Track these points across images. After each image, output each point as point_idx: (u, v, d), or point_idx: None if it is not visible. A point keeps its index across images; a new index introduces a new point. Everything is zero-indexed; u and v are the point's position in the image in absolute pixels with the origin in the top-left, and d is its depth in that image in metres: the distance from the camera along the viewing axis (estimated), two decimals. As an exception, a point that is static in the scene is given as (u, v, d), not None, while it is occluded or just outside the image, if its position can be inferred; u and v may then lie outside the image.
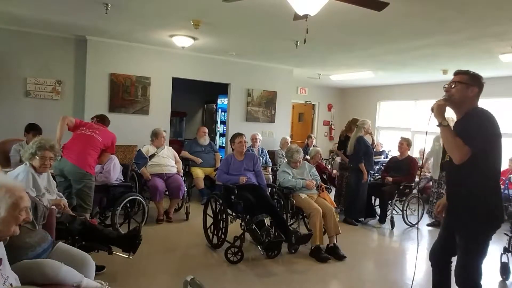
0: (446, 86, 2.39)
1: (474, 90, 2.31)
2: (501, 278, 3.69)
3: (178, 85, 7.14)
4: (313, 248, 4.06)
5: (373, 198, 5.85)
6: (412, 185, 5.67)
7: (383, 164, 6.82)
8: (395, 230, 5.39)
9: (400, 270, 4.13)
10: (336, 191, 6.21)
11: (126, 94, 6.42)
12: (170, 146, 5.80)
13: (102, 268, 3.22)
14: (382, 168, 6.56)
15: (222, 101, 8.91)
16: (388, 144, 9.33)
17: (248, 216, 3.85)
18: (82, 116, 5.98)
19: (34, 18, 5.19)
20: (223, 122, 8.62)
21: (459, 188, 2.34)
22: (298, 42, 5.46)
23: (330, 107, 11.32)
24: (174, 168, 5.35)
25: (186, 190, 5.24)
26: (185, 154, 6.19)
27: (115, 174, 4.49)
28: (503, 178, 5.74)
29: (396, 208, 5.64)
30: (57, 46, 6.07)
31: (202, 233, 4.34)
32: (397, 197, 5.51)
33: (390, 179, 5.60)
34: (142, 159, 5.25)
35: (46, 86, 6.03)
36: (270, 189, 4.56)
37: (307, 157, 6.03)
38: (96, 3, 4.24)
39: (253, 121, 7.75)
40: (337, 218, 4.28)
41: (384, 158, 8.14)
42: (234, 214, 4.06)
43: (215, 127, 9.42)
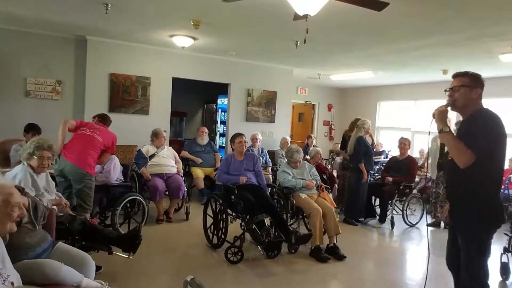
0: (449, 91, 2.35)
1: (478, 92, 2.29)
2: (501, 278, 3.69)
3: (178, 85, 7.14)
4: (313, 248, 4.06)
5: (373, 198, 5.85)
6: (412, 185, 5.68)
7: (383, 164, 6.82)
8: (395, 230, 5.39)
9: (400, 270, 4.13)
10: (338, 191, 6.18)
11: (126, 94, 6.42)
12: (170, 146, 5.80)
13: (99, 268, 3.21)
14: (382, 168, 6.56)
15: (222, 101, 8.91)
16: (388, 144, 9.33)
17: (248, 216, 3.85)
18: (82, 116, 5.99)
19: (34, 18, 5.19)
20: (223, 122, 8.62)
21: (458, 188, 2.33)
22: (298, 42, 5.45)
23: (330, 107, 11.32)
24: (174, 168, 5.35)
25: (186, 190, 5.24)
26: (185, 154, 6.19)
27: (115, 174, 4.48)
28: (504, 178, 5.74)
29: (396, 208, 5.64)
30: (57, 46, 6.07)
31: (202, 233, 4.34)
32: (397, 197, 5.51)
33: (390, 179, 5.60)
34: (142, 159, 5.25)
35: (46, 86, 6.03)
36: (270, 189, 4.56)
37: (307, 157, 6.03)
38: (96, 3, 4.24)
39: (253, 121, 7.75)
40: (337, 218, 4.28)
41: (384, 158, 8.14)
42: (234, 214, 4.06)
43: (215, 127, 9.42)
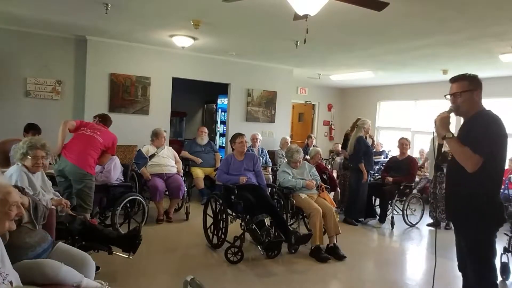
0: (450, 98, 2.34)
1: (479, 94, 2.29)
2: (501, 278, 3.69)
3: (178, 85, 7.14)
4: (313, 248, 4.06)
5: (373, 198, 5.85)
6: (412, 185, 5.68)
7: (383, 164, 6.82)
8: (395, 230, 5.40)
9: (400, 270, 4.13)
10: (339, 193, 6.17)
11: (126, 94, 6.42)
12: (170, 146, 5.81)
13: (97, 268, 3.20)
14: (382, 168, 6.56)
15: (222, 101, 8.91)
16: (388, 144, 9.33)
17: (248, 216, 3.85)
18: (82, 116, 5.99)
19: (34, 18, 5.19)
20: (223, 122, 8.62)
21: (459, 188, 2.33)
22: (298, 42, 5.45)
23: (330, 107, 11.32)
24: (174, 168, 5.35)
25: (186, 190, 5.24)
26: (185, 154, 6.19)
27: (116, 174, 4.49)
28: (504, 178, 5.74)
29: (396, 208, 5.64)
30: (57, 46, 6.07)
31: (202, 233, 4.34)
32: (397, 197, 5.51)
33: (390, 179, 5.60)
34: (142, 159, 5.25)
35: (46, 86, 6.03)
36: (270, 189, 4.56)
37: (307, 157, 6.03)
38: (96, 3, 4.24)
39: (253, 121, 7.75)
40: (337, 218, 4.28)
41: (384, 158, 8.14)
42: (234, 214, 4.06)
43: (215, 127, 9.42)
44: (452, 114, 2.37)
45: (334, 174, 7.06)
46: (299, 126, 11.33)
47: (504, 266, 3.71)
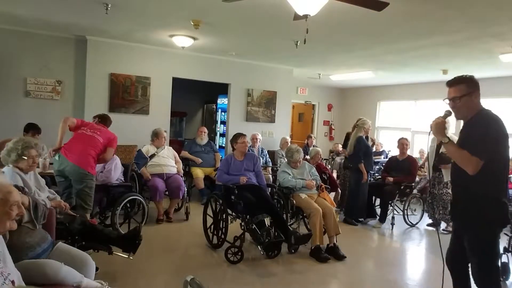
0: (450, 102, 2.32)
1: (477, 95, 2.28)
2: (501, 278, 3.68)
3: (178, 85, 7.14)
4: (313, 248, 4.06)
5: (373, 198, 5.85)
6: (412, 185, 5.67)
7: (383, 164, 6.82)
8: (395, 230, 5.39)
9: (400, 270, 4.13)
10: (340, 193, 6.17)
11: (126, 94, 6.42)
12: (170, 146, 5.80)
13: (96, 269, 3.19)
14: (382, 168, 6.55)
15: (222, 101, 8.91)
16: (388, 144, 9.33)
17: (248, 216, 3.85)
18: (82, 116, 5.98)
19: (34, 18, 5.19)
20: (223, 122, 8.62)
21: (462, 189, 2.32)
22: (298, 42, 5.46)
23: (330, 107, 11.32)
24: (174, 168, 5.35)
25: (186, 190, 5.24)
26: (185, 154, 6.19)
27: (116, 174, 4.49)
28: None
29: (396, 208, 5.64)
30: (57, 46, 6.08)
31: (202, 233, 4.34)
32: (398, 197, 5.51)
33: (391, 179, 5.59)
34: (142, 159, 5.25)
35: (46, 86, 6.03)
36: (270, 189, 4.56)
37: (307, 157, 6.03)
38: (96, 3, 4.24)
39: (253, 121, 7.75)
40: (337, 218, 4.28)
41: (384, 158, 8.14)
42: (234, 214, 4.06)
43: (215, 127, 9.42)
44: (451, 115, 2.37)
45: (334, 174, 7.06)
46: (299, 126, 11.33)
47: (504, 266, 3.70)
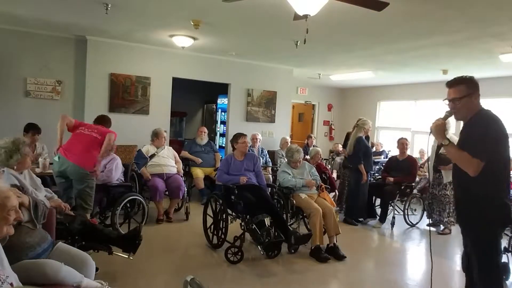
0: (449, 103, 2.31)
1: (477, 96, 2.27)
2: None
3: (178, 85, 7.14)
4: (313, 248, 4.05)
5: (373, 198, 5.84)
6: (413, 185, 5.67)
7: (383, 164, 6.82)
8: (395, 230, 5.39)
9: (400, 270, 4.13)
10: (338, 192, 6.17)
11: (126, 94, 6.42)
12: (170, 146, 5.80)
13: (96, 269, 3.19)
14: (382, 168, 6.55)
15: (222, 101, 8.91)
16: (388, 144, 9.33)
17: (248, 216, 3.85)
18: (82, 116, 5.99)
19: (34, 18, 5.19)
20: (223, 122, 8.62)
21: (464, 190, 2.32)
22: (298, 42, 5.45)
23: (330, 107, 11.32)
24: (174, 168, 5.35)
25: (186, 190, 5.24)
26: (185, 154, 6.19)
27: (117, 174, 4.49)
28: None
29: (396, 208, 5.64)
30: (57, 46, 6.07)
31: (202, 233, 4.34)
32: (398, 197, 5.51)
33: (391, 179, 5.58)
34: (142, 159, 5.25)
35: (46, 86, 6.03)
36: (270, 189, 4.55)
37: (307, 157, 6.03)
38: (96, 3, 4.24)
39: (253, 121, 7.75)
40: (337, 218, 4.28)
41: (384, 158, 8.14)
42: (234, 214, 4.06)
43: (215, 127, 9.42)
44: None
45: (334, 175, 7.06)
46: (299, 126, 11.33)
47: (504, 266, 3.69)
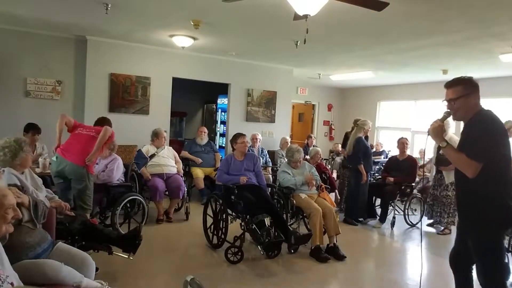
0: (448, 104, 2.30)
1: (475, 96, 2.26)
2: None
3: (178, 85, 7.14)
4: (313, 248, 4.06)
5: (374, 198, 5.84)
6: (413, 185, 5.67)
7: (383, 164, 6.82)
8: (396, 230, 5.39)
9: (400, 270, 4.13)
10: (338, 192, 6.18)
11: (126, 94, 6.42)
12: (170, 146, 5.80)
13: (96, 269, 3.19)
14: (382, 168, 6.55)
15: (222, 101, 8.91)
16: (388, 144, 9.33)
17: (248, 216, 3.85)
18: (82, 116, 5.99)
19: (34, 18, 5.19)
20: (223, 122, 8.62)
21: (464, 190, 2.32)
22: (298, 42, 5.45)
23: (330, 107, 11.32)
24: (174, 168, 5.35)
25: (186, 190, 5.24)
26: (185, 154, 6.19)
27: (118, 174, 4.50)
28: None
29: (396, 208, 5.64)
30: (57, 46, 6.07)
31: (202, 233, 4.34)
32: (398, 197, 5.51)
33: (391, 179, 5.58)
34: (142, 159, 5.25)
35: (46, 86, 6.03)
36: (270, 189, 4.56)
37: (307, 157, 6.03)
38: (96, 3, 4.24)
39: (253, 121, 7.75)
40: (337, 218, 4.28)
41: (384, 158, 8.14)
42: (234, 214, 4.06)
43: (215, 127, 9.42)
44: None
45: (334, 175, 7.06)
46: (299, 126, 11.33)
47: (504, 266, 3.70)
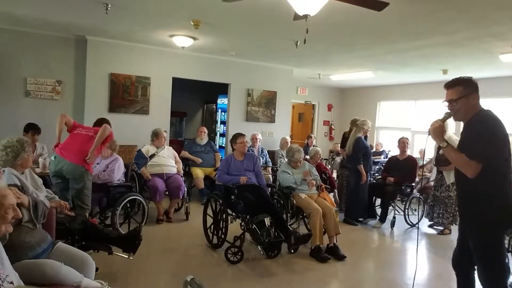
0: (448, 104, 2.31)
1: (475, 96, 2.26)
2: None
3: (178, 85, 7.14)
4: (313, 248, 4.06)
5: (374, 198, 5.84)
6: (413, 184, 5.67)
7: (383, 164, 6.82)
8: (395, 230, 5.39)
9: (400, 270, 4.12)
10: (338, 191, 6.18)
11: (126, 94, 6.42)
12: (170, 146, 5.80)
13: (96, 269, 3.18)
14: (382, 168, 6.55)
15: (222, 101, 8.92)
16: (388, 144, 9.33)
17: (248, 216, 3.85)
18: (82, 116, 6.00)
19: (34, 18, 5.19)
20: (223, 122, 8.62)
21: (464, 190, 2.32)
22: (298, 42, 5.46)
23: (330, 107, 11.32)
24: (174, 168, 5.35)
25: (186, 190, 5.24)
26: (185, 154, 6.19)
27: (118, 174, 4.50)
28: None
29: (396, 208, 5.63)
30: (57, 46, 6.07)
31: (202, 233, 4.34)
32: (398, 197, 5.50)
33: (391, 179, 5.58)
34: (142, 159, 5.25)
35: (46, 86, 6.03)
36: (270, 189, 4.56)
37: (307, 157, 6.03)
38: (96, 3, 4.24)
39: (253, 121, 7.75)
40: (337, 218, 4.28)
41: (384, 158, 8.14)
42: (234, 214, 4.06)
43: (215, 127, 9.42)
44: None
45: (334, 175, 7.06)
46: (299, 126, 11.33)
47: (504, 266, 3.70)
